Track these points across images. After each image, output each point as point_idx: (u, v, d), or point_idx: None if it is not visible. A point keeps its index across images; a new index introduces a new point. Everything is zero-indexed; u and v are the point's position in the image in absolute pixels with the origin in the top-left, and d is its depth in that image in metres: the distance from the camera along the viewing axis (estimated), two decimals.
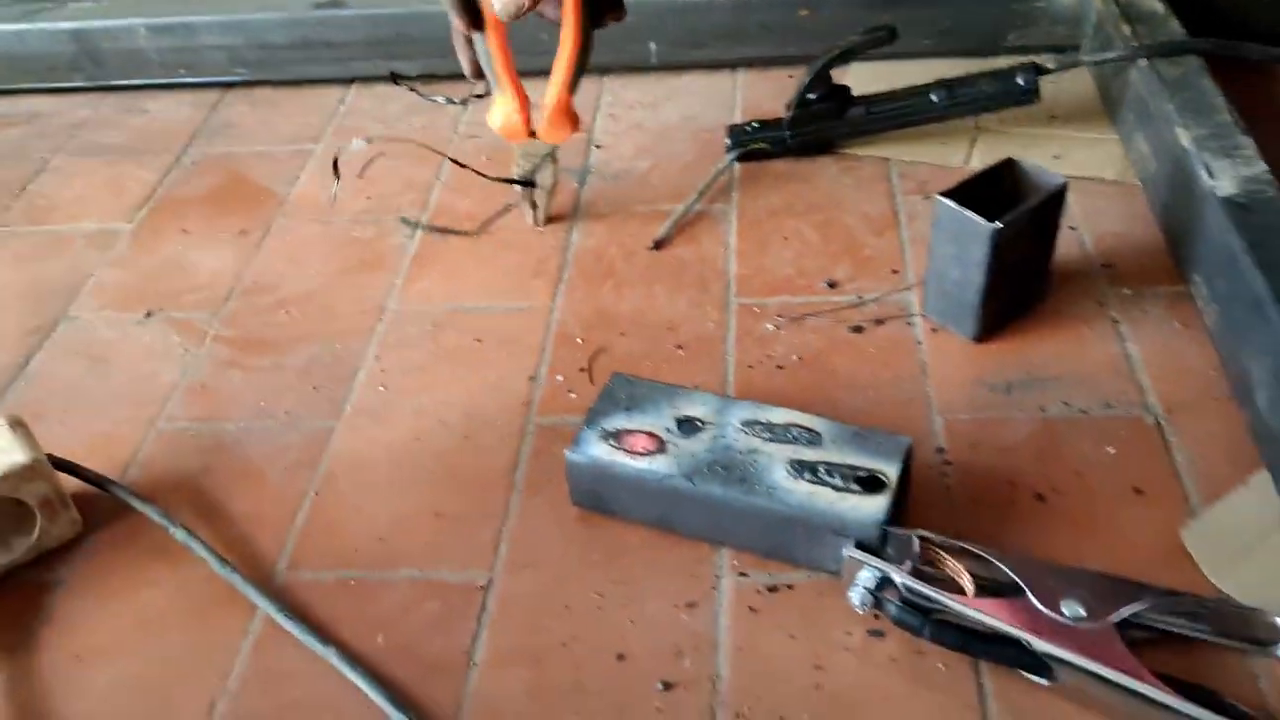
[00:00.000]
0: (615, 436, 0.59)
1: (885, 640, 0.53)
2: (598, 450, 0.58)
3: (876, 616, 0.54)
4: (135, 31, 1.02)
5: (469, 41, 0.75)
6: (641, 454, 0.58)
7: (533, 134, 0.78)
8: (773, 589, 0.56)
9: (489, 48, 0.74)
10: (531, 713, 0.52)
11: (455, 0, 0.72)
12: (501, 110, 0.77)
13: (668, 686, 0.52)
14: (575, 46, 0.75)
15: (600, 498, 0.60)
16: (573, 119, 0.78)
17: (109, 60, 1.04)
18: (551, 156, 0.80)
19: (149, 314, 0.79)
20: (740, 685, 0.52)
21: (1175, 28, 0.86)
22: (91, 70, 1.05)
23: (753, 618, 0.55)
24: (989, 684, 0.51)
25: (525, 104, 0.77)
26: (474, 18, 0.73)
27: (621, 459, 0.58)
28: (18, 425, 0.60)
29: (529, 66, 0.77)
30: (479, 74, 0.76)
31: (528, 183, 0.81)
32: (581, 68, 0.76)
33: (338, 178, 0.85)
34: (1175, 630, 0.52)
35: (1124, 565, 0.55)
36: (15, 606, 0.59)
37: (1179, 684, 0.48)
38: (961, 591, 0.52)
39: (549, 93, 0.77)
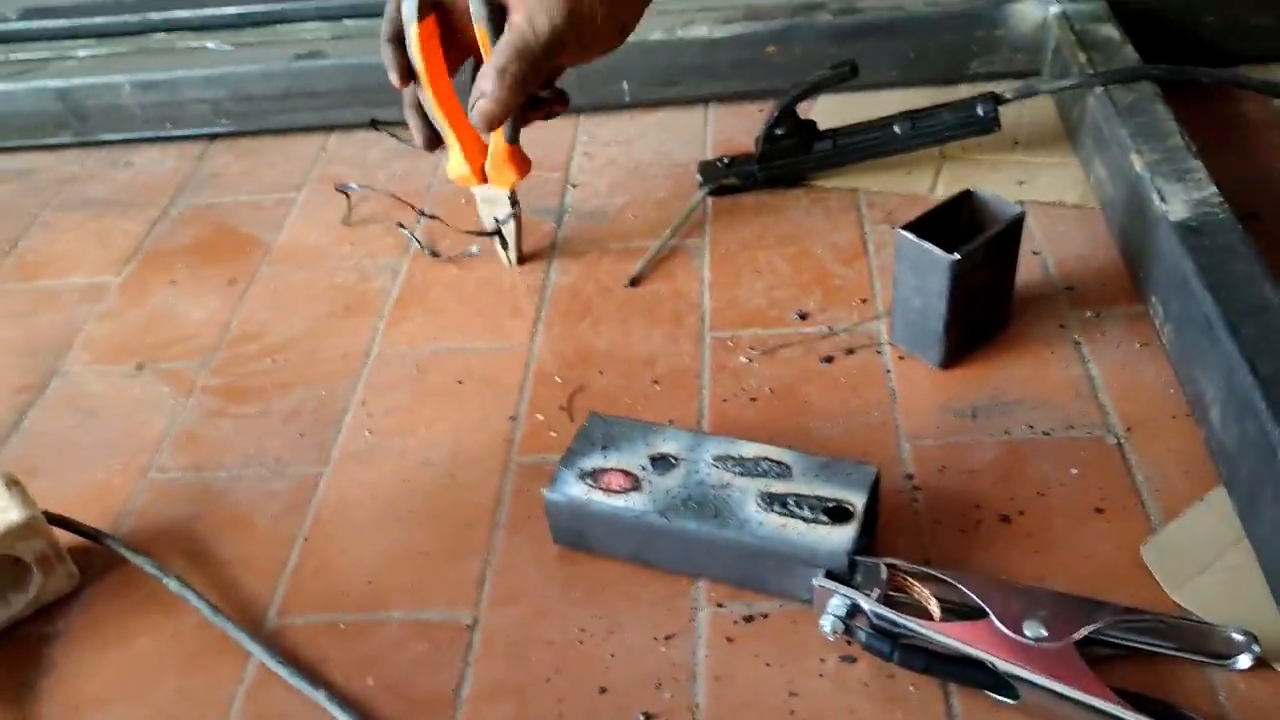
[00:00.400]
0: (592, 475, 0.61)
1: (857, 665, 0.55)
2: (575, 489, 0.60)
3: (849, 643, 0.56)
4: (119, 88, 1.05)
5: (417, 106, 0.75)
6: (617, 492, 0.60)
7: (485, 180, 0.80)
8: (749, 619, 0.58)
9: (427, 99, 0.74)
10: None
11: (390, 54, 0.71)
12: (454, 161, 0.79)
13: (649, 717, 0.54)
14: None
15: (580, 535, 0.61)
16: (518, 164, 0.79)
17: (94, 116, 1.06)
18: (511, 199, 0.81)
19: (139, 366, 0.80)
20: (718, 714, 0.54)
21: (1130, 54, 0.88)
22: (78, 127, 1.07)
23: (729, 647, 0.57)
24: (958, 705, 0.53)
25: (475, 150, 0.78)
26: (408, 72, 0.72)
27: (598, 497, 0.60)
28: (13, 484, 0.62)
29: None
30: (434, 144, 0.77)
31: (492, 233, 0.83)
32: (517, 118, 0.76)
33: (348, 197, 0.90)
34: (1136, 646, 0.53)
35: (1086, 582, 0.57)
36: (15, 659, 0.61)
37: (1139, 699, 0.50)
38: (929, 616, 0.54)
39: (491, 143, 0.78)
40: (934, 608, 0.54)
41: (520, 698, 0.56)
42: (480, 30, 0.71)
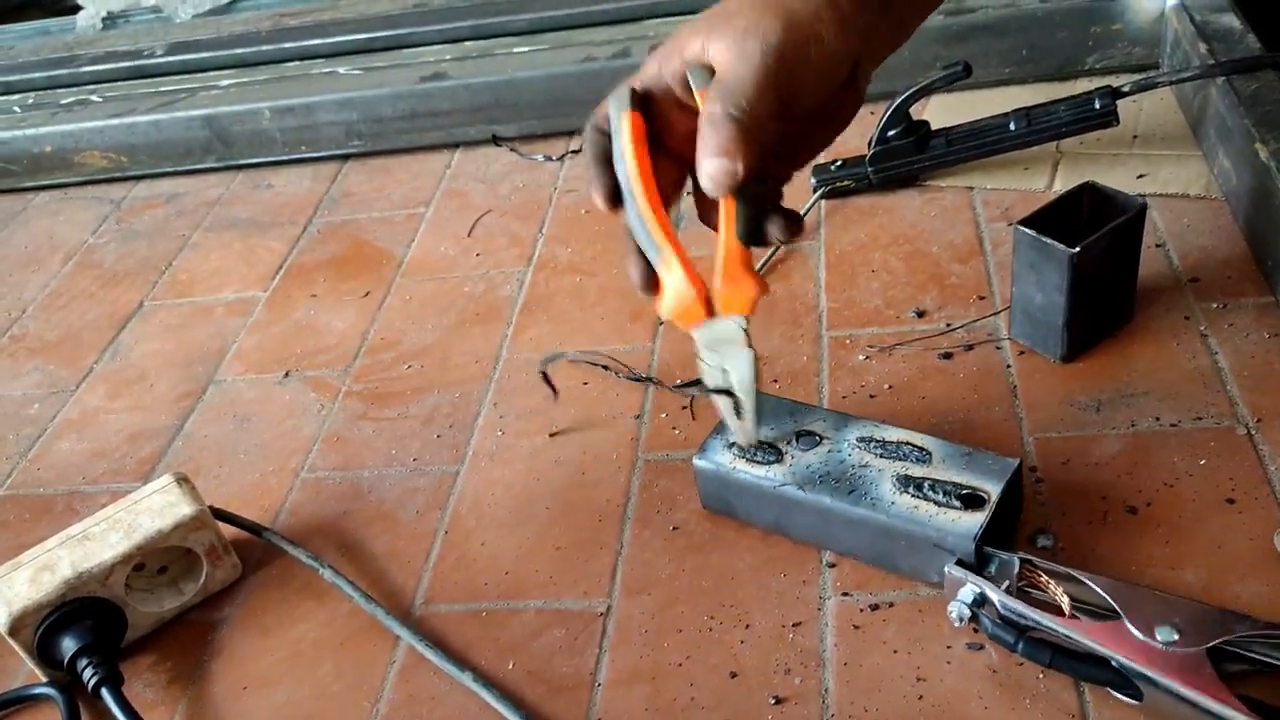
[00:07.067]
0: (738, 445, 0.64)
1: (984, 652, 0.56)
2: (722, 457, 0.64)
3: (975, 630, 0.56)
4: (260, 114, 1.12)
5: (636, 247, 0.57)
6: (761, 463, 0.63)
7: (712, 311, 0.57)
8: (874, 607, 0.59)
9: (641, 215, 0.55)
10: None
11: (597, 173, 0.57)
12: (671, 289, 0.56)
13: (779, 701, 0.56)
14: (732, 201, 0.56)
15: (727, 503, 0.65)
16: (756, 275, 0.57)
17: (237, 141, 1.14)
18: (744, 337, 0.58)
19: (287, 374, 0.86)
20: (848, 698, 0.55)
21: (1252, 43, 0.87)
22: (222, 151, 1.14)
23: (856, 634, 0.58)
24: (1089, 695, 0.54)
25: (697, 276, 0.57)
26: (616, 192, 0.57)
27: (742, 466, 0.63)
28: (183, 481, 0.67)
29: None
30: (653, 282, 0.57)
31: (720, 391, 0.60)
32: (749, 210, 0.57)
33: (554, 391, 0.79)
34: (1273, 663, 0.52)
35: (1218, 573, 0.57)
36: (187, 643, 0.66)
37: (1270, 711, 0.48)
38: (1059, 612, 0.54)
39: (719, 248, 0.56)
40: (1065, 603, 0.55)
41: (654, 682, 0.58)
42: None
